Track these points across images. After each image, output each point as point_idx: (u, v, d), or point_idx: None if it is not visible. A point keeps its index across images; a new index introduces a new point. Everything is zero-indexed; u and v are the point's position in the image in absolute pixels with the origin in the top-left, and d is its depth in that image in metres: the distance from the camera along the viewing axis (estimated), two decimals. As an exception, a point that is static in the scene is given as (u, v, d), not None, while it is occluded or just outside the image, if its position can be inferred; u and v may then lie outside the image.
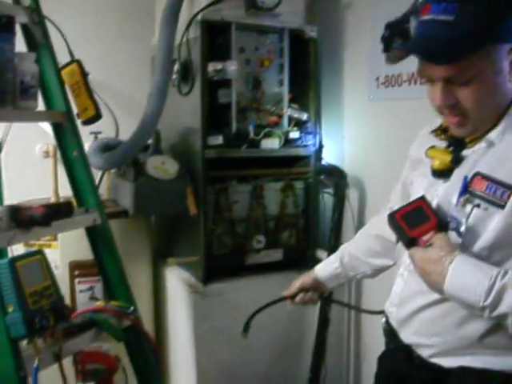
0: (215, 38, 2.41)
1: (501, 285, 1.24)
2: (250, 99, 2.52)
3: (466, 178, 1.38)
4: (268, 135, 2.50)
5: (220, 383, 2.49)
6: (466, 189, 1.38)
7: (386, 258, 1.82)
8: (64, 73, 2.09)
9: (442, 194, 1.47)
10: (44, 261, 1.72)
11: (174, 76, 2.46)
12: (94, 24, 2.95)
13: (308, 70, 2.59)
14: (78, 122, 2.08)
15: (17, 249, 2.28)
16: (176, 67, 2.45)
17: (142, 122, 2.26)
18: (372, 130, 2.60)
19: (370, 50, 1.82)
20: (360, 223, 2.61)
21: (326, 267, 1.95)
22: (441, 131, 1.53)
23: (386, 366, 1.67)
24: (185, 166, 2.43)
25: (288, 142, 2.55)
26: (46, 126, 2.55)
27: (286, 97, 2.56)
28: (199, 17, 2.33)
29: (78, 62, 2.13)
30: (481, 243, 1.34)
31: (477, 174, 1.36)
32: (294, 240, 2.64)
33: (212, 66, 2.34)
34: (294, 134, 2.56)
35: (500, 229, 1.31)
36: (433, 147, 1.50)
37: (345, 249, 1.94)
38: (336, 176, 2.68)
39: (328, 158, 2.72)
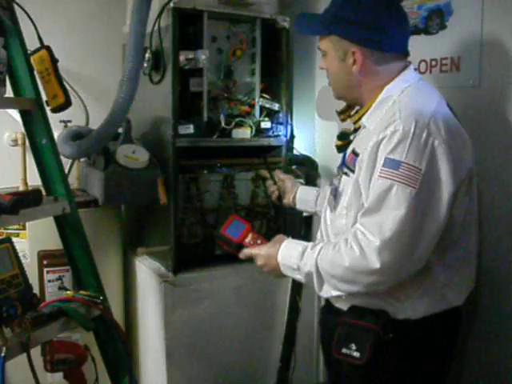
0: (187, 26, 2.40)
1: (310, 251, 1.65)
2: (221, 88, 2.51)
3: (345, 153, 1.80)
4: (239, 125, 2.49)
5: (190, 372, 2.49)
6: (344, 162, 1.77)
7: None
8: (33, 59, 2.06)
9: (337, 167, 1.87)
10: (12, 249, 1.71)
11: (146, 64, 2.43)
12: (64, 10, 2.91)
13: (280, 61, 2.59)
14: (47, 109, 2.06)
15: (-16, 237, 2.26)
16: (147, 55, 2.43)
17: (113, 110, 2.23)
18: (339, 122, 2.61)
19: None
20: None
21: (309, 189, 2.33)
22: (339, 114, 1.94)
23: (320, 315, 2.07)
24: (155, 155, 2.42)
25: (259, 132, 2.55)
26: (15, 114, 2.52)
27: (258, 87, 2.55)
28: (171, 4, 2.31)
29: (48, 49, 2.10)
30: (342, 204, 1.72)
31: (351, 151, 1.73)
32: (264, 230, 2.64)
33: (183, 55, 2.33)
34: (266, 124, 2.56)
35: (351, 191, 1.66)
36: (343, 129, 1.93)
37: (327, 188, 2.12)
38: (307, 166, 2.69)
39: (299, 148, 2.73)
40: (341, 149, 1.87)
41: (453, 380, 1.88)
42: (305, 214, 2.62)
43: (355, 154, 1.69)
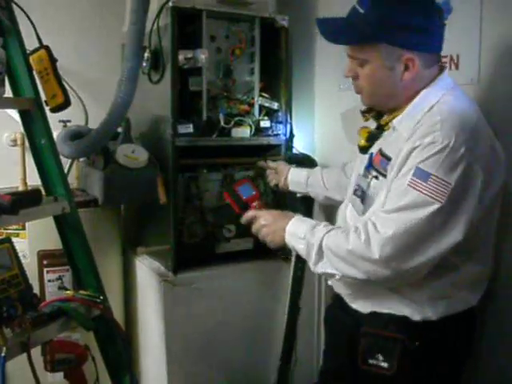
0: (186, 25, 2.39)
1: (322, 227, 1.67)
2: (220, 88, 2.50)
3: (371, 154, 1.75)
4: (239, 124, 2.49)
5: (190, 371, 2.49)
6: (371, 163, 1.72)
7: (336, 192, 2.22)
8: (32, 59, 2.05)
9: (357, 167, 1.86)
10: (12, 249, 1.70)
11: (144, 64, 2.43)
12: (64, 10, 2.90)
13: (279, 60, 2.58)
14: (47, 109, 2.05)
15: (-16, 238, 2.25)
16: (146, 55, 2.42)
17: (112, 109, 2.22)
18: (342, 120, 2.61)
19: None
20: (329, 213, 2.61)
21: (299, 170, 2.39)
22: (364, 113, 1.86)
23: (328, 313, 2.05)
24: (155, 154, 2.41)
25: (259, 131, 2.55)
26: (14, 114, 2.52)
27: (257, 86, 2.55)
28: (170, 4, 2.31)
29: (47, 48, 2.09)
30: (373, 208, 1.66)
31: (378, 151, 1.69)
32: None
33: (183, 54, 2.33)
34: (265, 123, 2.55)
35: (384, 196, 1.60)
36: (363, 127, 1.84)
37: (318, 169, 2.35)
38: (307, 165, 2.68)
39: (299, 146, 2.72)
40: (365, 149, 1.81)
41: (467, 381, 1.87)
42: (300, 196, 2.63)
43: (385, 156, 1.66)
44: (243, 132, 2.50)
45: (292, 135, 2.67)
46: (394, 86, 1.65)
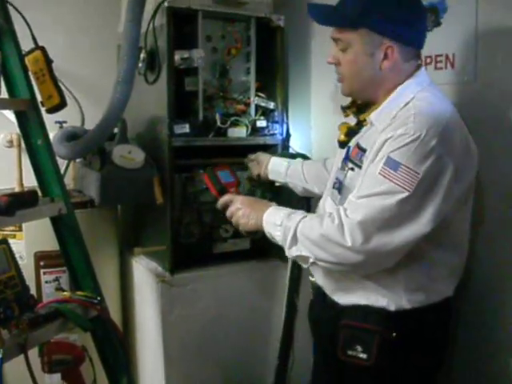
0: (182, 25, 2.39)
1: (299, 213, 1.69)
2: (216, 87, 2.50)
3: (349, 147, 1.80)
4: (235, 124, 2.50)
5: (188, 372, 2.49)
6: (347, 156, 1.77)
7: (315, 185, 2.25)
8: (27, 60, 2.05)
9: (336, 162, 1.90)
10: (8, 250, 1.70)
11: (140, 64, 2.43)
12: (59, 10, 2.91)
13: (275, 59, 2.59)
14: (43, 110, 2.05)
15: (-20, 239, 2.25)
16: (142, 55, 2.43)
17: (108, 110, 2.22)
18: (339, 119, 2.59)
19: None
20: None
21: (279, 160, 2.39)
22: (345, 109, 1.91)
23: (310, 310, 2.05)
24: (151, 154, 2.41)
25: (255, 131, 2.55)
26: (10, 115, 2.52)
27: (253, 85, 2.55)
28: (166, 4, 2.31)
29: (42, 49, 2.09)
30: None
31: (356, 145, 1.74)
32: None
33: (178, 55, 2.33)
34: (261, 123, 2.56)
35: (358, 185, 1.63)
36: (343, 123, 1.89)
37: (299, 161, 2.36)
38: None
39: (295, 146, 2.72)
40: (344, 144, 1.86)
41: (445, 371, 1.90)
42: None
43: (361, 149, 1.70)
44: (239, 132, 2.50)
45: (288, 135, 2.68)
46: (372, 74, 1.69)
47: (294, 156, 2.57)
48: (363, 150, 1.69)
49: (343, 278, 1.75)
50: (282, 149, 2.63)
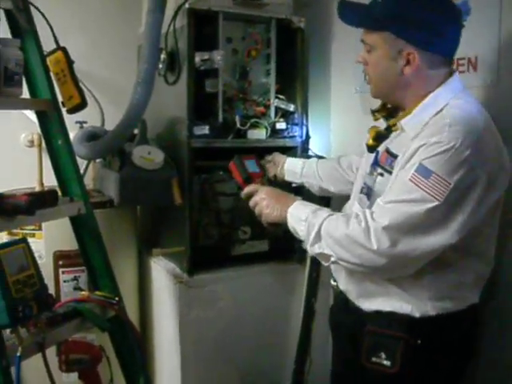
0: (202, 27, 2.39)
1: (325, 210, 1.68)
2: (236, 89, 2.50)
3: (377, 152, 1.77)
4: (254, 126, 2.49)
5: (204, 373, 2.49)
6: (376, 161, 1.74)
7: (330, 183, 2.25)
8: (49, 60, 2.07)
9: (363, 166, 1.88)
10: (27, 249, 1.70)
11: (161, 65, 2.44)
12: (80, 11, 2.93)
13: (295, 61, 2.58)
14: (63, 110, 2.06)
15: (1, 238, 2.27)
16: (162, 56, 2.44)
17: (128, 111, 2.24)
18: (358, 122, 2.58)
19: (358, 42, 1.85)
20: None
21: (295, 160, 2.40)
22: (374, 112, 1.87)
23: (332, 315, 2.05)
24: (171, 155, 2.42)
25: (274, 133, 2.55)
26: (31, 115, 2.54)
27: (273, 87, 2.54)
28: (186, 5, 2.31)
29: (64, 50, 2.10)
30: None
31: (385, 150, 1.72)
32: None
33: (199, 56, 2.33)
34: (281, 125, 2.55)
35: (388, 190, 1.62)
36: (373, 127, 1.85)
37: (313, 160, 2.35)
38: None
39: (315, 148, 2.72)
40: (373, 148, 1.83)
41: (470, 378, 1.88)
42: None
43: (391, 154, 1.68)
44: (259, 134, 2.50)
45: (308, 137, 2.67)
46: (395, 79, 1.68)
47: (311, 157, 2.57)
48: (394, 156, 1.66)
49: (367, 284, 1.74)
50: (302, 151, 2.62)
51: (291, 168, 2.37)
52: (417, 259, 1.56)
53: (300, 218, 1.70)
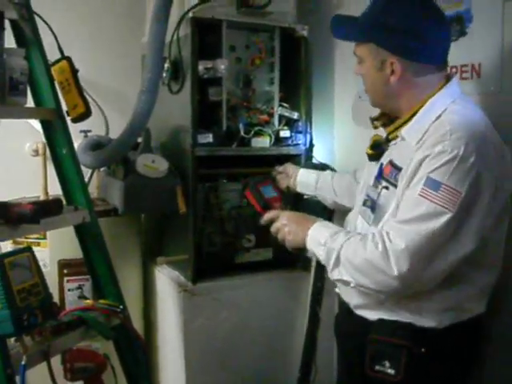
0: (206, 36, 2.40)
1: (343, 233, 1.66)
2: (240, 97, 2.51)
3: (381, 164, 1.75)
4: (258, 134, 2.50)
5: (209, 381, 2.48)
6: (381, 173, 1.73)
7: (345, 198, 2.23)
8: (54, 69, 2.09)
9: (365, 177, 1.88)
10: (32, 258, 1.71)
11: (164, 74, 2.44)
12: (84, 21, 2.95)
13: (299, 69, 2.59)
14: (68, 119, 2.08)
15: (6, 246, 2.28)
16: (166, 65, 2.44)
17: (132, 119, 2.25)
18: (362, 129, 2.59)
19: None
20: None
21: (308, 172, 2.38)
22: (373, 120, 1.88)
23: (337, 323, 2.03)
24: (175, 164, 2.42)
25: (278, 141, 2.55)
26: (36, 124, 2.55)
27: (277, 95, 2.56)
28: (190, 14, 2.32)
29: (68, 59, 2.12)
30: (384, 218, 1.65)
31: (389, 162, 1.70)
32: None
33: (202, 64, 2.34)
34: (285, 133, 2.56)
35: (395, 205, 1.60)
36: (375, 135, 1.86)
37: (328, 174, 2.35)
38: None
39: (318, 156, 2.71)
40: (372, 157, 1.84)
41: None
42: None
43: (395, 166, 1.66)
44: (263, 142, 2.51)
45: (312, 145, 2.67)
46: (384, 89, 1.70)
47: (318, 166, 2.57)
48: (398, 169, 1.65)
49: (372, 296, 1.71)
50: (306, 159, 2.62)
51: (304, 180, 2.36)
52: (436, 277, 1.55)
53: (319, 241, 1.70)
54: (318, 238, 1.71)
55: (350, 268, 1.60)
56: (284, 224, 1.86)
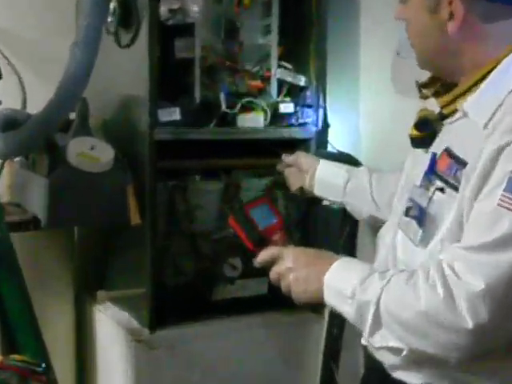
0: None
1: (378, 276, 1.60)
2: (221, 54, 2.50)
3: (434, 154, 1.69)
4: (248, 108, 2.49)
5: None
6: (432, 168, 1.67)
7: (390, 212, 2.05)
8: None
9: (409, 172, 1.87)
10: None
11: (110, 18, 2.43)
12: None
13: (308, 13, 2.58)
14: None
15: None
16: (112, 6, 2.42)
17: (61, 85, 2.23)
18: (403, 101, 2.57)
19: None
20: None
21: (333, 167, 2.33)
22: (420, 88, 1.86)
23: None
24: (124, 152, 2.42)
25: (277, 119, 2.55)
26: None
27: (275, 51, 2.55)
28: None
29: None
30: (437, 235, 1.61)
31: (445, 151, 1.65)
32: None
33: (166, 5, 2.32)
34: (287, 107, 2.55)
35: (454, 217, 1.56)
36: (422, 110, 1.82)
37: (364, 171, 2.29)
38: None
39: (336, 142, 2.71)
40: (418, 142, 1.80)
41: None
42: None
43: (456, 159, 1.61)
44: (254, 120, 2.50)
45: (326, 125, 2.66)
46: (440, 39, 1.66)
47: (335, 157, 2.53)
48: (460, 162, 1.59)
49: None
50: (317, 146, 2.62)
51: (327, 178, 2.32)
52: None
53: (343, 293, 1.64)
54: (341, 287, 1.65)
55: (398, 328, 1.56)
56: (289, 268, 1.82)
